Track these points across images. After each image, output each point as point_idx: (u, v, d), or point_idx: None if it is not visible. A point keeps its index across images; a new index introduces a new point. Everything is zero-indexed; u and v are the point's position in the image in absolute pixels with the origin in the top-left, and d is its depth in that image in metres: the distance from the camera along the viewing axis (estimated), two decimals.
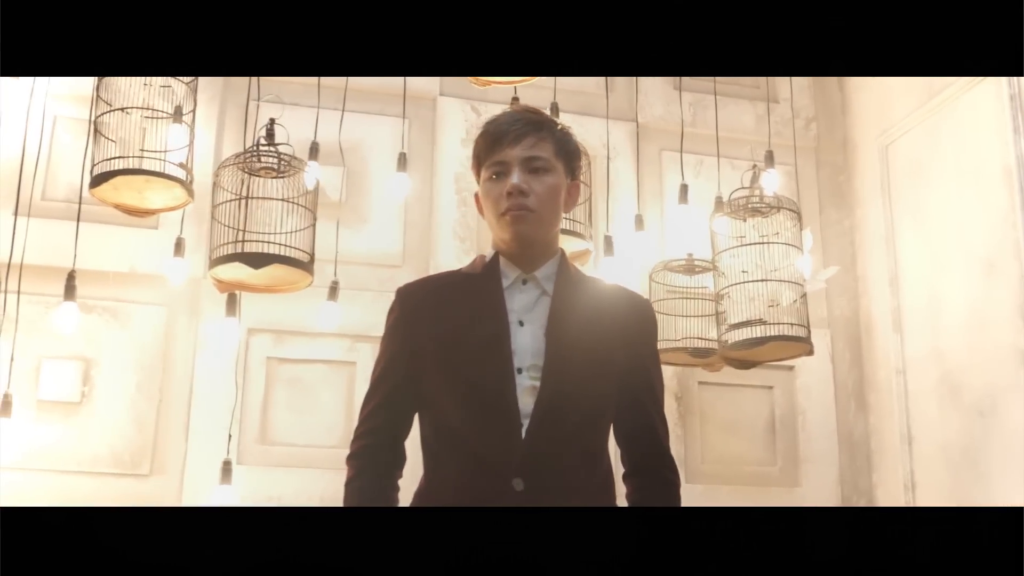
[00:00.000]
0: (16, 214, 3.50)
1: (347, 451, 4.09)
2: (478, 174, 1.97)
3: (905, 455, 4.16)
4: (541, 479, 1.81)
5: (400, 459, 1.98)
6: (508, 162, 1.90)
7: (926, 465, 4.09)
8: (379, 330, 4.05)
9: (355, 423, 4.08)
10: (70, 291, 3.33)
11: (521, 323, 1.90)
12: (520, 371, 1.85)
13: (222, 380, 3.91)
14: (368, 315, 4.08)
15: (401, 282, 4.09)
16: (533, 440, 1.82)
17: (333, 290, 3.71)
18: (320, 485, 3.88)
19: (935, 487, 4.02)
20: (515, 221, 1.89)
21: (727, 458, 4.29)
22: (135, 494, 3.73)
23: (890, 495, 4.26)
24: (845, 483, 4.39)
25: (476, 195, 2.00)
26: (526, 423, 1.83)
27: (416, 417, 2.00)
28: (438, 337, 1.91)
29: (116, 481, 3.75)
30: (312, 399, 4.01)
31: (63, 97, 3.98)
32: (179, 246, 3.66)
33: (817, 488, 4.33)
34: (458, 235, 4.30)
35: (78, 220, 3.42)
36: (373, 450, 1.96)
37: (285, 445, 3.94)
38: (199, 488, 3.76)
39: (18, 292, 3.48)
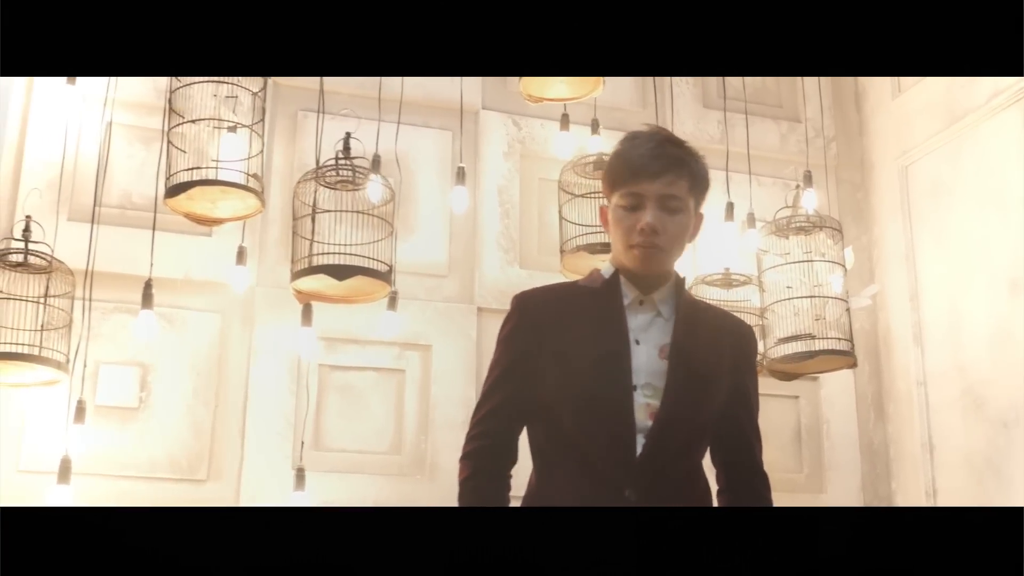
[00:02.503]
0: (94, 222, 3.51)
1: (397, 457, 4.18)
2: (609, 194, 2.02)
3: (927, 463, 4.36)
4: (651, 491, 1.92)
5: (513, 459, 2.05)
6: (644, 195, 1.95)
7: (947, 473, 4.29)
8: (427, 339, 4.20)
9: (404, 430, 4.19)
10: (147, 299, 3.36)
11: (637, 342, 1.99)
12: (635, 388, 1.95)
13: (277, 387, 3.96)
14: (416, 323, 4.17)
15: (447, 291, 4.26)
16: (648, 455, 1.92)
17: (393, 299, 3.78)
18: (372, 490, 3.95)
19: (956, 494, 4.22)
20: (644, 257, 1.96)
21: None
22: (193, 499, 3.77)
23: (910, 501, 4.45)
24: (867, 489, 4.58)
25: (602, 209, 2.06)
26: (639, 437, 1.93)
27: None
28: (557, 347, 1.98)
29: (174, 486, 3.78)
30: (363, 406, 4.07)
31: (117, 103, 3.98)
32: (241, 254, 3.73)
33: (841, 494, 4.51)
34: (501, 246, 4.39)
35: (153, 229, 3.46)
36: (487, 451, 2.03)
37: (337, 451, 4.00)
38: (256, 493, 3.81)
39: (90, 299, 3.51)
